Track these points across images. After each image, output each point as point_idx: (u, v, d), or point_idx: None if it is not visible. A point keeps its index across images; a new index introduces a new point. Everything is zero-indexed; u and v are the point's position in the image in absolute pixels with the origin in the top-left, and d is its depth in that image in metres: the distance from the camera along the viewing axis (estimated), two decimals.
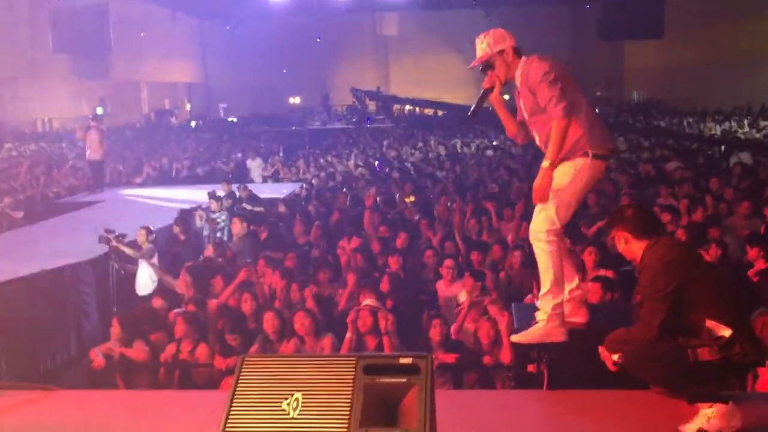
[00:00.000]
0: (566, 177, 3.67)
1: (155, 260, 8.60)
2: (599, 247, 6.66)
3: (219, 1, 29.93)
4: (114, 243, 8.36)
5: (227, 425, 2.62)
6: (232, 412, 2.64)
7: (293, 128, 25.46)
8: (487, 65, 3.80)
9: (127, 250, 8.41)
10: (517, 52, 3.77)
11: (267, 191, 12.97)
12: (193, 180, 15.68)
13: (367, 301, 6.04)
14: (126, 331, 6.17)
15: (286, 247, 8.65)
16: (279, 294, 6.93)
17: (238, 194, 11.76)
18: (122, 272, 8.45)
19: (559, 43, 30.53)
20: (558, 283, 3.77)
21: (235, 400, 2.67)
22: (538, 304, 3.87)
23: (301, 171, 16.32)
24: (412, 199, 10.78)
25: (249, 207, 11.11)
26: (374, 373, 2.70)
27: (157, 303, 6.97)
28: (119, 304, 8.15)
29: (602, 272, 6.14)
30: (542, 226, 3.70)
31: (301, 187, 12.81)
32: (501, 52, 3.74)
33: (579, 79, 3.82)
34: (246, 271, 7.14)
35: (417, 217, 9.44)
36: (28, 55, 24.68)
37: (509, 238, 8.14)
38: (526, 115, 3.80)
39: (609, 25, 26.01)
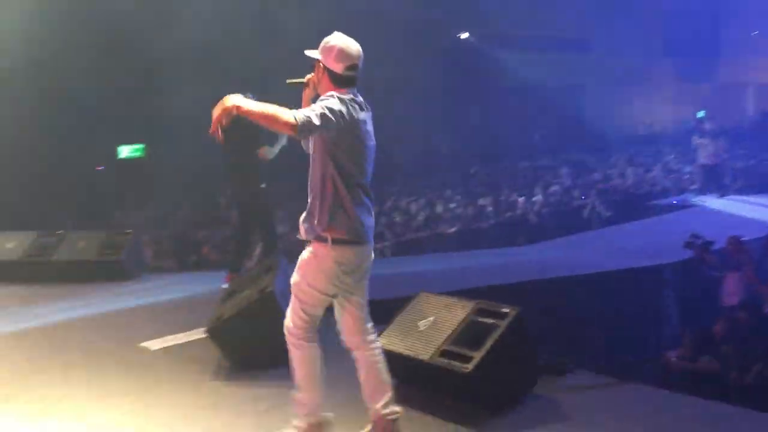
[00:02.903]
0: (307, 265, 3.18)
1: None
2: None
3: None
4: (699, 250, 8.20)
5: None
6: None
7: None
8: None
9: (709, 258, 8.14)
10: (335, 78, 3.17)
11: None
12: None
13: None
14: (693, 345, 6.25)
15: None
16: None
17: None
18: (707, 280, 8.22)
19: None
20: (305, 390, 3.22)
21: None
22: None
23: None
24: None
25: None
26: None
27: (741, 315, 6.73)
28: (703, 312, 7.94)
29: None
30: (288, 321, 3.23)
31: None
32: (318, 62, 3.21)
33: None
34: None
35: None
36: (641, 61, 25.94)
37: None
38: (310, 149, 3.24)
39: None
